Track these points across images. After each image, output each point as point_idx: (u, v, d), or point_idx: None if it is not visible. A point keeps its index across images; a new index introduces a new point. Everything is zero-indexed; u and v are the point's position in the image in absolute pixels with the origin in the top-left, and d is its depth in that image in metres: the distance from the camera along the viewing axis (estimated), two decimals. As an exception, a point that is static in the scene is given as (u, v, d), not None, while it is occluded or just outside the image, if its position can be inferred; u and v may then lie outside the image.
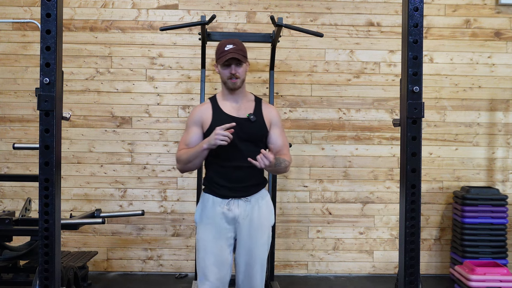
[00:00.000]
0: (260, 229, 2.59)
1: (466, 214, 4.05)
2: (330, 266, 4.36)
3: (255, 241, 2.58)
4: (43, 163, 1.97)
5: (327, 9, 4.34)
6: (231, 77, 2.56)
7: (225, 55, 2.53)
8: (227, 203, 2.57)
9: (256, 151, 2.48)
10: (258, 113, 2.63)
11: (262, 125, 2.62)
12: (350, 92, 4.36)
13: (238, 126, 2.50)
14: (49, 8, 1.95)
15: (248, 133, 2.57)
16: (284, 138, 2.69)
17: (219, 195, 2.58)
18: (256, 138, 2.60)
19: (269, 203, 2.68)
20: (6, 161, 4.27)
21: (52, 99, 1.95)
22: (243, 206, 2.57)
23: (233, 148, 2.51)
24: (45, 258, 2.00)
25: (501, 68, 4.40)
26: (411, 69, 2.01)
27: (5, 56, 4.26)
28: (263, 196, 2.64)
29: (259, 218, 2.59)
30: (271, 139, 2.64)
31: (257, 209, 2.59)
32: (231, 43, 2.58)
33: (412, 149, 2.03)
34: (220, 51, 2.57)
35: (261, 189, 2.65)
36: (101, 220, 3.27)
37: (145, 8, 4.30)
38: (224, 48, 2.56)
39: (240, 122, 2.55)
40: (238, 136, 2.51)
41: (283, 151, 2.64)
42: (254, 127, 2.59)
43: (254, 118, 2.58)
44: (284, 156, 2.61)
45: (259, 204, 2.61)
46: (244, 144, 2.55)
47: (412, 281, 2.07)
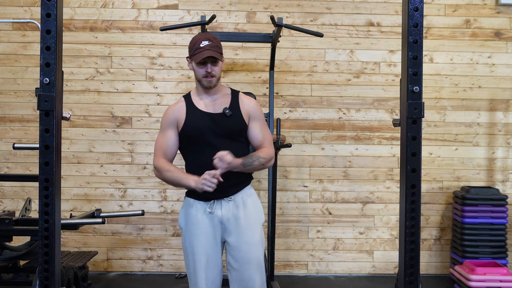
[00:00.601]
0: (249, 229, 2.48)
1: (466, 214, 4.05)
2: (330, 266, 4.36)
3: (246, 241, 2.46)
4: (43, 163, 1.97)
5: (327, 9, 4.34)
6: (206, 75, 2.45)
7: (200, 52, 2.42)
8: (209, 205, 2.46)
9: (235, 147, 2.42)
10: (235, 107, 2.51)
11: (239, 119, 2.49)
12: (350, 92, 4.36)
13: (213, 122, 2.44)
14: (49, 8, 1.95)
15: (225, 129, 2.46)
16: (265, 132, 2.56)
17: (200, 198, 2.46)
18: (234, 134, 2.49)
19: (256, 201, 2.56)
20: (6, 161, 4.27)
21: (52, 99, 1.95)
22: (227, 206, 2.46)
23: (210, 146, 2.43)
24: (45, 258, 2.00)
25: (501, 68, 4.40)
26: (411, 69, 2.00)
27: (5, 56, 4.26)
28: (248, 194, 2.53)
29: (246, 217, 2.48)
30: (250, 133, 2.53)
31: (242, 208, 2.48)
32: (207, 38, 2.45)
33: (412, 149, 2.03)
34: (195, 47, 2.45)
35: (244, 186, 2.53)
36: (101, 220, 3.26)
37: (145, 8, 4.30)
38: (200, 44, 2.43)
39: (215, 117, 2.46)
40: (214, 133, 2.44)
41: (263, 145, 2.53)
42: (230, 122, 2.47)
43: (229, 112, 2.47)
44: (264, 151, 2.50)
45: (244, 202, 2.49)
46: (221, 140, 2.44)
47: (412, 281, 2.07)
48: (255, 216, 2.52)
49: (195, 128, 2.46)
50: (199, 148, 2.45)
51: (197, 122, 2.45)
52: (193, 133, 2.46)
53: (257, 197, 2.60)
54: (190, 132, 2.47)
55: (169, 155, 2.51)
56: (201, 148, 2.44)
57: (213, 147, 2.41)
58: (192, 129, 2.46)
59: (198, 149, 2.45)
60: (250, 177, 2.58)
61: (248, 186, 2.56)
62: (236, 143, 2.48)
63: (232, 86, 4.28)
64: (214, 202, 2.46)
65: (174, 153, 2.53)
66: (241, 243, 2.46)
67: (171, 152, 2.51)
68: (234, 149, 2.41)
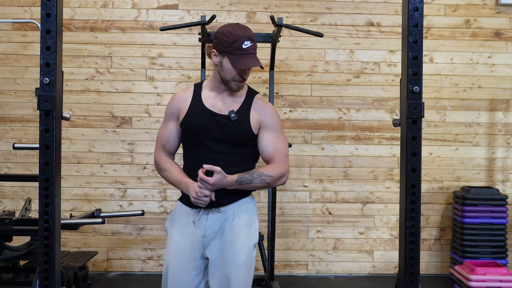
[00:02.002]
0: (233, 247, 2.13)
1: (466, 214, 4.05)
2: (330, 266, 4.36)
3: (228, 261, 2.13)
4: (43, 163, 1.97)
5: (327, 9, 4.34)
6: (239, 79, 2.17)
7: (243, 55, 2.12)
8: (194, 214, 2.18)
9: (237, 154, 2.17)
10: (245, 111, 2.19)
11: (246, 126, 2.17)
12: (350, 92, 4.36)
13: (215, 124, 2.16)
14: (49, 8, 1.95)
15: (227, 134, 2.16)
16: (279, 144, 2.20)
17: (188, 204, 2.19)
18: (237, 141, 2.17)
19: (251, 217, 2.21)
20: (6, 161, 4.27)
21: (52, 99, 1.95)
22: (213, 218, 2.15)
23: (207, 149, 2.16)
24: (45, 258, 2.00)
25: (501, 68, 4.40)
26: (411, 69, 2.00)
27: (5, 56, 4.26)
28: (243, 207, 2.19)
29: (232, 233, 2.14)
30: (260, 145, 2.20)
31: (230, 222, 2.15)
32: (249, 38, 2.14)
33: (412, 149, 2.03)
34: (235, 45, 2.12)
35: (240, 198, 2.19)
36: (101, 220, 3.26)
37: (145, 8, 4.30)
38: (242, 44, 2.12)
39: (219, 119, 2.16)
40: (213, 136, 2.15)
41: (274, 160, 2.19)
42: (234, 127, 2.16)
43: (235, 117, 2.15)
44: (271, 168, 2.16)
45: (235, 216, 2.16)
46: (221, 146, 2.16)
47: (412, 281, 2.07)
48: (244, 233, 2.17)
49: (193, 126, 2.19)
50: (195, 148, 2.20)
51: (196, 120, 2.18)
52: (190, 130, 2.20)
53: (255, 214, 2.25)
54: (187, 129, 2.21)
55: (169, 148, 2.28)
56: (197, 149, 2.19)
57: (211, 151, 2.15)
58: (189, 126, 2.20)
59: (194, 148, 2.21)
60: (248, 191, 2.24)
61: (246, 198, 2.23)
62: (241, 150, 2.19)
63: (232, 86, 4.30)
64: (201, 211, 2.18)
65: (175, 146, 2.29)
66: (222, 262, 2.14)
67: (171, 146, 2.28)
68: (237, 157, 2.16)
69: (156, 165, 2.32)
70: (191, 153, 2.23)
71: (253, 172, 2.14)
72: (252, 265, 2.20)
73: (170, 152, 2.30)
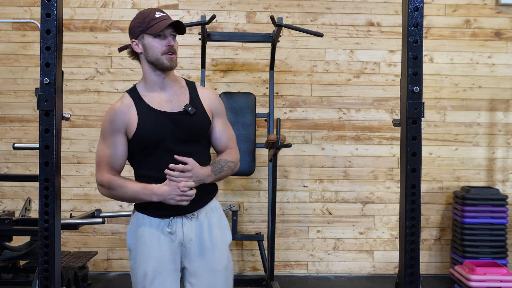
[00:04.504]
0: (215, 251, 2.05)
1: (466, 214, 4.05)
2: (330, 266, 4.36)
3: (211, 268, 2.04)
4: (43, 163, 1.97)
5: (327, 9, 4.34)
6: (167, 51, 2.00)
7: (159, 21, 1.99)
8: (167, 224, 2.01)
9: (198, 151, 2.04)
10: (196, 102, 2.06)
11: (204, 116, 2.06)
12: (350, 92, 4.36)
13: (174, 124, 2.00)
14: (49, 8, 1.95)
15: (189, 131, 2.01)
16: (229, 130, 2.15)
17: (156, 215, 2.01)
18: (199, 135, 2.05)
19: (222, 216, 2.13)
20: (6, 161, 4.27)
21: (52, 99, 1.95)
22: (189, 225, 2.02)
23: (168, 152, 1.97)
24: (45, 258, 2.00)
25: (501, 68, 4.40)
26: (411, 69, 2.00)
27: (5, 56, 4.26)
28: (213, 209, 2.09)
29: (211, 237, 2.05)
30: (214, 134, 2.10)
31: (207, 226, 2.05)
32: (159, 10, 2.06)
33: (412, 149, 2.03)
34: (148, 18, 2.00)
35: (210, 199, 2.10)
36: (101, 220, 3.26)
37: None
38: (154, 15, 2.01)
39: (176, 117, 2.01)
40: (176, 138, 1.99)
41: (229, 147, 2.13)
42: (195, 121, 2.02)
43: (192, 110, 2.01)
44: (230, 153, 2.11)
45: (209, 219, 2.06)
46: (182, 145, 2.00)
47: (412, 281, 2.07)
48: (221, 235, 2.09)
49: (153, 134, 1.98)
50: (154, 157, 2.00)
51: (154, 126, 1.99)
52: (149, 140, 1.99)
53: (223, 212, 2.16)
54: (145, 139, 1.99)
55: (117, 167, 2.05)
56: (157, 157, 1.99)
57: (172, 155, 1.96)
58: (147, 135, 1.99)
59: (153, 158, 2.00)
60: (216, 188, 2.16)
61: (214, 199, 2.13)
62: (199, 147, 2.07)
63: (232, 86, 4.31)
64: (174, 220, 2.02)
65: (122, 165, 2.07)
66: (205, 270, 2.04)
67: (119, 164, 2.05)
68: (198, 155, 2.01)
69: (103, 188, 2.05)
70: (150, 163, 2.02)
71: (219, 160, 2.06)
72: (231, 264, 2.14)
73: (117, 170, 2.06)
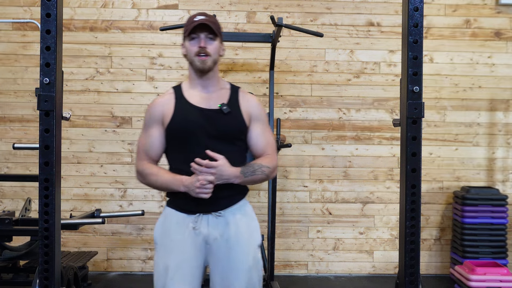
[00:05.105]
0: (238, 251, 2.05)
1: (466, 214, 4.05)
2: (330, 266, 4.36)
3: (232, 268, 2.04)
4: (43, 163, 1.97)
5: (327, 9, 4.34)
6: (199, 52, 2.05)
7: (193, 24, 2.06)
8: (193, 220, 2.05)
9: (230, 151, 2.06)
10: (234, 104, 2.12)
11: (239, 118, 2.10)
12: (350, 92, 4.36)
13: (206, 120, 2.06)
14: (49, 8, 1.95)
15: (220, 129, 2.06)
16: (268, 136, 2.17)
17: (183, 210, 2.07)
18: (231, 136, 2.10)
19: (251, 218, 2.14)
20: (6, 161, 4.27)
21: (52, 99, 1.95)
22: (214, 223, 2.05)
23: (201, 148, 2.02)
24: (45, 258, 2.00)
25: (501, 68, 4.40)
26: (411, 69, 2.01)
27: (5, 56, 4.26)
28: (241, 209, 2.12)
29: (236, 237, 2.05)
30: (251, 138, 2.14)
31: (233, 226, 2.06)
32: (203, 14, 2.10)
33: (412, 149, 2.03)
34: (188, 22, 2.10)
35: (239, 199, 2.12)
36: (101, 220, 3.27)
37: (145, 8, 4.30)
38: (194, 19, 2.08)
39: (209, 114, 2.07)
40: (208, 133, 2.05)
41: (266, 153, 2.15)
42: (227, 121, 2.08)
43: (227, 109, 2.07)
44: (267, 159, 2.12)
45: (236, 218, 2.08)
46: (215, 143, 2.04)
47: (412, 281, 2.07)
48: (248, 235, 2.10)
49: (184, 126, 2.07)
50: (186, 150, 2.06)
51: (186, 119, 2.06)
52: (180, 132, 2.07)
53: (254, 214, 2.18)
54: (177, 130, 2.08)
55: (154, 156, 2.14)
56: (189, 151, 2.05)
57: (204, 151, 2.01)
58: (179, 126, 2.07)
59: (186, 151, 2.06)
60: (246, 189, 2.18)
61: (243, 200, 2.15)
62: (233, 148, 2.11)
63: (232, 86, 4.30)
64: (200, 217, 2.06)
65: (159, 155, 2.15)
66: (228, 270, 2.05)
67: (156, 154, 2.13)
68: (231, 155, 2.04)
69: (139, 175, 2.14)
70: (182, 156, 2.08)
71: (253, 164, 2.08)
72: (259, 266, 2.14)
73: (154, 160, 2.15)
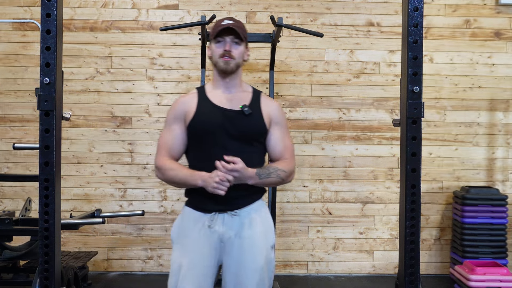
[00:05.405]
0: (252, 250, 2.09)
1: (466, 214, 4.05)
2: (330, 266, 4.36)
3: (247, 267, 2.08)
4: (43, 163, 1.97)
5: (327, 9, 4.34)
6: (224, 54, 2.12)
7: (220, 27, 2.13)
8: (209, 218, 2.10)
9: (249, 152, 2.11)
10: (256, 106, 2.17)
11: (259, 120, 2.16)
12: (350, 92, 4.36)
13: (228, 120, 2.11)
14: (49, 8, 1.95)
15: (241, 130, 2.11)
16: (286, 140, 2.22)
17: (199, 209, 2.13)
18: (250, 137, 2.14)
19: (266, 219, 2.19)
20: (6, 161, 4.27)
21: (52, 99, 1.95)
22: (230, 222, 2.09)
23: (220, 148, 2.08)
24: (45, 258, 2.00)
25: (501, 68, 4.40)
26: (411, 69, 2.01)
27: (5, 56, 4.26)
28: (257, 209, 2.16)
29: (251, 237, 2.09)
30: (270, 141, 2.19)
31: (248, 225, 2.10)
32: (231, 19, 2.18)
33: (412, 149, 2.03)
34: (216, 26, 2.17)
35: (255, 200, 2.16)
36: (101, 220, 3.27)
37: (145, 8, 4.30)
38: (221, 22, 2.15)
39: (231, 115, 2.13)
40: (228, 133, 2.10)
41: (284, 157, 2.19)
42: (248, 122, 2.13)
43: (248, 110, 2.12)
44: (284, 163, 2.16)
45: (251, 218, 2.12)
46: (234, 143, 2.10)
47: (412, 281, 2.07)
48: (262, 237, 2.13)
49: (205, 125, 2.12)
50: (206, 149, 2.12)
51: (207, 118, 2.12)
52: (201, 130, 2.13)
53: (269, 215, 2.23)
54: (198, 129, 2.14)
55: (175, 153, 2.19)
56: (209, 149, 2.11)
57: (223, 150, 2.07)
58: (201, 125, 2.13)
59: (206, 149, 2.12)
60: (262, 189, 2.21)
61: (259, 200, 2.19)
62: (252, 149, 2.15)
63: (232, 86, 4.30)
64: (216, 215, 2.11)
65: (180, 152, 2.21)
66: (241, 268, 2.09)
67: (177, 151, 2.19)
68: (249, 156, 2.08)
69: (158, 171, 2.18)
70: (202, 154, 2.14)
71: (269, 167, 2.12)
72: (271, 266, 2.17)
73: (175, 157, 2.20)
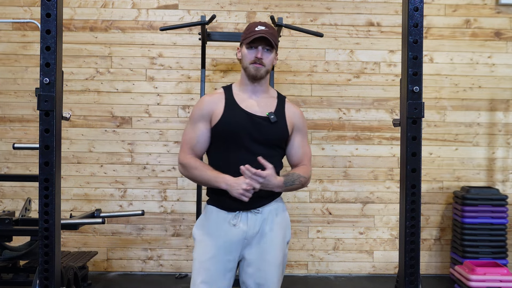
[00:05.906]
0: (273, 247, 2.20)
1: (466, 214, 4.05)
2: (330, 266, 4.36)
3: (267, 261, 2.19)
4: (43, 163, 1.97)
5: (327, 9, 4.34)
6: (255, 61, 2.19)
7: (253, 34, 2.18)
8: (233, 217, 2.19)
9: (272, 156, 2.19)
10: (280, 113, 2.25)
11: (283, 128, 2.25)
12: (350, 92, 4.36)
13: (254, 125, 2.18)
14: (49, 8, 1.95)
15: (265, 136, 2.20)
16: (306, 147, 2.33)
17: (224, 207, 2.20)
18: (274, 142, 2.23)
19: (285, 215, 2.30)
20: (6, 161, 4.27)
21: (52, 99, 1.95)
22: (253, 220, 2.19)
23: (245, 150, 2.17)
24: (45, 258, 2.00)
25: (501, 68, 4.40)
26: (411, 69, 2.00)
27: (5, 56, 4.26)
28: (278, 207, 2.27)
29: (272, 234, 2.20)
30: (292, 147, 2.29)
31: (270, 223, 2.21)
32: (264, 24, 2.22)
33: (412, 149, 2.03)
34: (249, 30, 2.22)
35: (275, 198, 2.27)
36: (101, 220, 3.26)
37: (145, 8, 4.30)
38: (255, 28, 2.20)
39: (257, 120, 2.20)
40: (252, 138, 2.18)
41: (302, 163, 2.30)
42: (273, 129, 2.21)
43: (274, 118, 2.20)
44: (303, 169, 2.26)
45: (272, 216, 2.22)
46: (258, 147, 2.18)
47: (412, 281, 2.07)
48: (282, 233, 2.25)
49: (232, 127, 2.18)
50: (230, 151, 2.19)
51: (235, 121, 2.18)
52: (227, 132, 2.19)
53: (286, 212, 2.33)
54: (225, 130, 2.19)
55: (198, 151, 2.25)
56: (233, 151, 2.18)
57: (247, 153, 2.16)
58: (227, 127, 2.19)
59: (229, 151, 2.19)
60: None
61: (279, 198, 2.31)
62: (274, 153, 2.23)
63: (232, 86, 4.30)
64: (240, 214, 2.19)
65: (203, 150, 2.26)
66: (262, 262, 2.18)
67: (201, 149, 2.25)
68: (271, 159, 2.15)
69: (183, 168, 2.23)
70: (225, 155, 2.20)
71: (292, 174, 2.22)
72: (286, 260, 2.29)
73: (198, 155, 2.26)
